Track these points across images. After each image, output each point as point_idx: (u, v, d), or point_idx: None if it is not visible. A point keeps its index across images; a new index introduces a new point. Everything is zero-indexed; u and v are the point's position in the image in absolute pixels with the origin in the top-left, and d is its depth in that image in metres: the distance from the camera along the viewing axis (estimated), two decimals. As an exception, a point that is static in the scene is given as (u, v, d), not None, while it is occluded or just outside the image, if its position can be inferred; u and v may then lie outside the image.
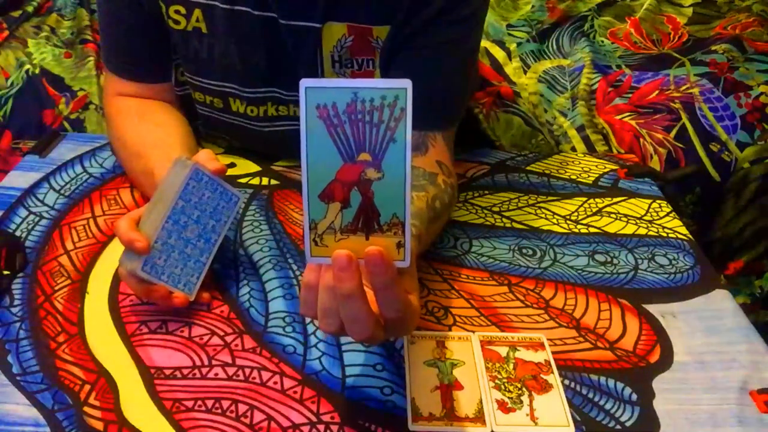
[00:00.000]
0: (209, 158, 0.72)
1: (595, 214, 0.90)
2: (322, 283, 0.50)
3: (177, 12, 0.84)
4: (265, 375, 0.64)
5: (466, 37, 0.83)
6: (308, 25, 0.82)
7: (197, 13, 0.83)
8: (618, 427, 0.60)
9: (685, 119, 1.14)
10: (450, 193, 0.79)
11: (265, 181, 0.94)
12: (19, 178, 0.92)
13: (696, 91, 1.17)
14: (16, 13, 1.38)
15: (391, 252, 0.48)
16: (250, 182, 0.94)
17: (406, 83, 0.45)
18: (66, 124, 1.19)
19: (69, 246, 0.80)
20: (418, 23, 0.79)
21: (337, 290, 0.48)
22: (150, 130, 0.86)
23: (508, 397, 0.62)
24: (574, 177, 0.98)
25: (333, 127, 0.46)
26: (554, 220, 0.88)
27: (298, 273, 0.77)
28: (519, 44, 1.32)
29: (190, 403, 0.61)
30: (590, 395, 0.63)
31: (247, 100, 0.89)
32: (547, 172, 0.99)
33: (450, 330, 0.70)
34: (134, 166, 0.85)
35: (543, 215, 0.89)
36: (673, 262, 0.81)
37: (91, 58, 1.27)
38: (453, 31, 0.80)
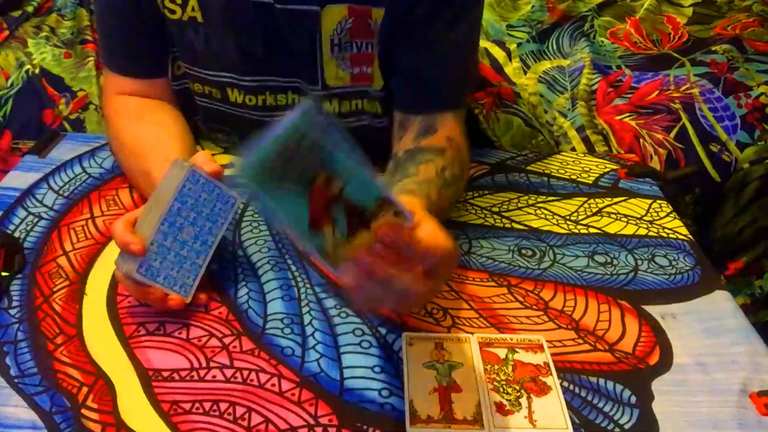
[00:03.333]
0: (206, 160, 0.72)
1: (595, 214, 0.90)
2: (359, 280, 0.54)
3: (172, 1, 0.84)
4: (263, 377, 0.64)
5: (469, 15, 0.84)
6: (307, 8, 0.81)
7: (192, 2, 0.83)
8: (617, 429, 0.60)
9: (685, 119, 1.14)
10: (460, 165, 0.81)
11: (264, 181, 0.94)
12: (18, 179, 0.92)
13: (696, 91, 1.17)
14: (16, 13, 1.38)
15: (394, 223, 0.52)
16: (249, 183, 0.93)
17: (307, 104, 0.47)
18: (66, 125, 1.19)
19: (68, 247, 0.80)
20: (421, 7, 0.79)
21: (375, 279, 0.53)
22: (148, 130, 0.86)
23: (507, 400, 0.62)
24: (574, 177, 0.98)
25: (279, 176, 0.48)
26: (554, 221, 0.88)
27: (296, 274, 0.77)
28: (519, 44, 1.32)
29: (187, 406, 0.61)
30: (589, 397, 0.63)
31: (245, 89, 0.89)
32: (547, 172, 0.99)
33: (449, 331, 0.70)
34: (132, 166, 0.85)
35: (543, 215, 0.89)
36: (674, 262, 0.81)
37: (91, 59, 1.27)
38: (455, 10, 0.81)
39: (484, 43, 1.31)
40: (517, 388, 0.63)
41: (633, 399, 0.63)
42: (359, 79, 0.87)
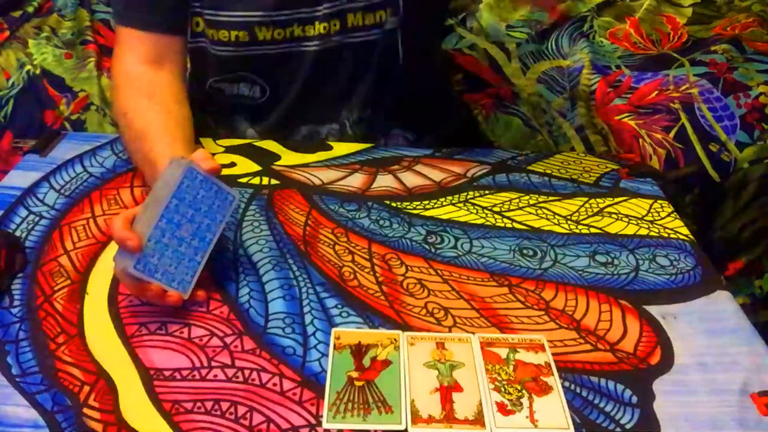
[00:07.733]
0: (204, 157, 0.72)
1: (596, 214, 0.90)
2: None
3: None
4: (265, 376, 0.64)
5: None
6: None
7: None
8: (618, 429, 0.60)
9: (684, 119, 1.14)
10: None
11: (265, 181, 0.94)
12: (19, 178, 0.92)
13: (695, 91, 1.17)
14: (17, 14, 1.38)
15: None
16: (250, 182, 0.94)
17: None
18: (67, 125, 1.19)
19: (69, 246, 0.80)
20: None
21: None
22: (158, 115, 0.86)
23: (508, 399, 0.62)
24: (575, 177, 0.98)
25: None
26: (555, 221, 0.88)
27: (297, 274, 0.77)
28: (518, 45, 1.32)
29: (189, 405, 0.61)
30: (590, 397, 0.63)
31: (273, 24, 0.91)
32: (548, 171, 0.99)
33: (450, 331, 0.70)
34: (137, 147, 0.86)
35: (544, 215, 0.89)
36: (674, 263, 0.81)
37: (92, 59, 1.27)
38: None
39: (483, 44, 1.31)
40: (519, 387, 0.63)
41: (634, 399, 0.63)
42: None
